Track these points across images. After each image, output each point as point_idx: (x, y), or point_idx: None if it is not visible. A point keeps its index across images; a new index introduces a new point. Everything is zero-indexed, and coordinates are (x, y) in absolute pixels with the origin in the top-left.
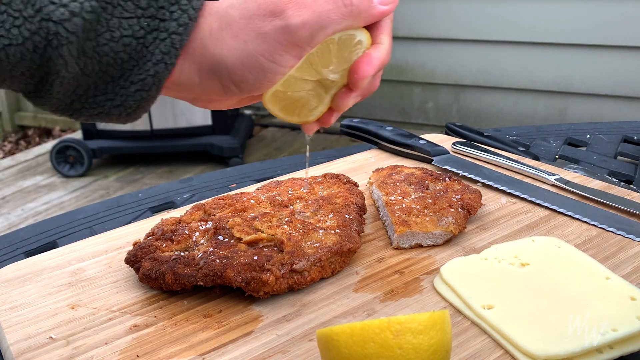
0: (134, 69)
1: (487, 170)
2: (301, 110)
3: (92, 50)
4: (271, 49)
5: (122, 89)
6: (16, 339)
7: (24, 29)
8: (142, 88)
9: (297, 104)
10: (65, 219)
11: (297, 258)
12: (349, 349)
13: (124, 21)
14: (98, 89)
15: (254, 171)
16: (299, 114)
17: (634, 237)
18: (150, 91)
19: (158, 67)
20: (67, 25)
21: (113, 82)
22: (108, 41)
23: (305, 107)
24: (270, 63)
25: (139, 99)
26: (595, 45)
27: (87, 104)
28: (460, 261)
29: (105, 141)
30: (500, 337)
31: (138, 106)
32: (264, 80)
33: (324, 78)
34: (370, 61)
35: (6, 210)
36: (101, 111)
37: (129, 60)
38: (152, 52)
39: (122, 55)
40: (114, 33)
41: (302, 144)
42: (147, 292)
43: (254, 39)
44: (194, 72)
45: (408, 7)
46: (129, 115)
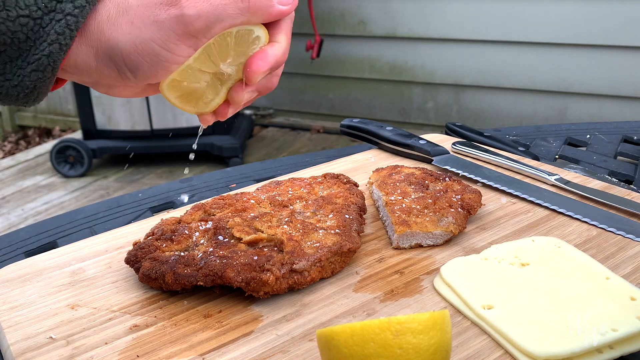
0: (31, 49)
1: (487, 170)
2: (197, 101)
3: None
4: (165, 37)
5: (19, 69)
6: (16, 339)
7: None
8: (37, 68)
9: (194, 95)
10: (65, 219)
11: (297, 258)
12: (349, 349)
13: (20, 1)
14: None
15: (254, 171)
16: (196, 105)
17: (634, 237)
18: (45, 72)
19: (52, 47)
20: None
21: (11, 63)
22: (4, 20)
23: (202, 98)
24: (164, 51)
25: (34, 79)
26: (595, 45)
27: None
28: (460, 261)
29: (105, 141)
30: (500, 337)
31: (34, 87)
32: (157, 67)
33: (221, 71)
34: (265, 57)
35: (6, 210)
36: (0, 92)
37: (25, 40)
38: (48, 33)
39: (19, 34)
40: (10, 12)
41: (303, 144)
42: (147, 292)
43: (149, 26)
44: (90, 55)
45: (408, 7)
46: (27, 97)
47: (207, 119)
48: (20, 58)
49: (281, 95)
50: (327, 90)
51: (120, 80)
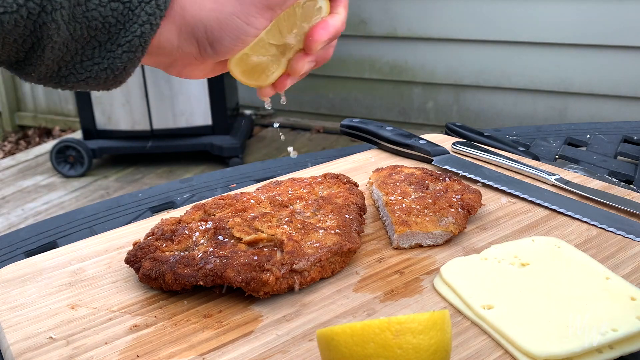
0: (121, 32)
1: (487, 170)
2: (260, 74)
3: (82, 15)
4: (246, 10)
5: (109, 52)
6: (16, 339)
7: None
8: (129, 49)
9: (258, 69)
10: (65, 219)
11: (297, 258)
12: (349, 349)
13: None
14: (85, 54)
15: (254, 171)
16: (257, 79)
17: (634, 237)
18: (136, 52)
19: (144, 28)
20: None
21: (100, 47)
22: (97, 6)
23: (264, 72)
24: (245, 24)
25: (125, 60)
26: (595, 45)
27: (75, 70)
28: (460, 261)
29: (105, 141)
30: (500, 337)
31: (124, 68)
32: (237, 41)
33: (285, 43)
34: (326, 27)
35: (6, 210)
36: (88, 76)
37: (115, 24)
38: (138, 15)
39: (109, 19)
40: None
41: (302, 144)
42: (147, 292)
43: (232, 1)
44: (173, 33)
45: (408, 7)
46: (115, 79)
47: (267, 91)
48: (110, 41)
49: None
50: (327, 90)
51: (198, 56)
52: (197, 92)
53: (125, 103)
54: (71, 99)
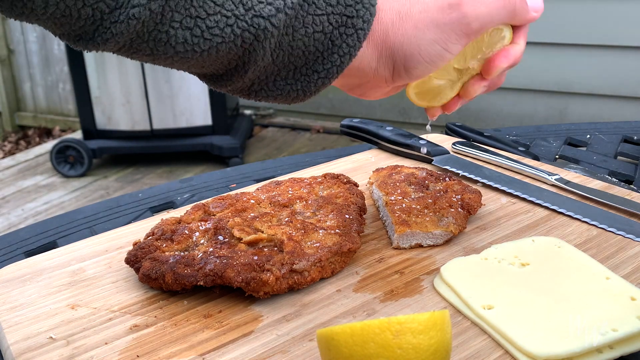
0: (318, 60)
1: (487, 170)
2: (434, 96)
3: (287, 44)
4: (447, 37)
5: (304, 76)
6: (16, 339)
7: (236, 27)
8: (325, 76)
9: (434, 91)
10: (65, 219)
11: (297, 258)
12: (349, 349)
13: (316, 18)
14: (280, 75)
15: (254, 171)
16: (431, 100)
17: (634, 237)
18: (331, 78)
19: (344, 59)
20: (273, 21)
21: (295, 70)
22: (302, 36)
23: (439, 94)
24: (444, 50)
25: (319, 85)
26: (595, 45)
27: (267, 87)
28: (460, 261)
29: (105, 141)
30: (500, 337)
31: (316, 90)
32: (432, 65)
33: (466, 67)
34: (507, 55)
35: (6, 210)
36: (279, 94)
37: (315, 52)
38: (339, 46)
39: (311, 48)
40: (307, 29)
41: (302, 144)
42: (147, 292)
43: (433, 28)
44: (374, 57)
45: None
46: (305, 97)
47: (436, 112)
48: (305, 66)
49: None
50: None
51: (390, 79)
52: (197, 92)
53: (125, 103)
54: (71, 99)
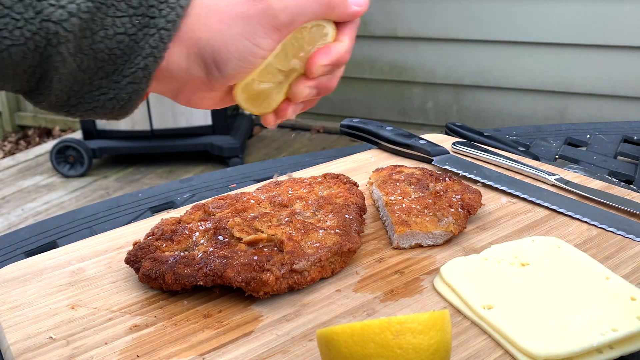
0: (126, 64)
1: (487, 170)
2: (263, 101)
3: (88, 48)
4: (254, 31)
5: (115, 82)
6: (16, 339)
7: (26, 30)
8: (133, 81)
9: (262, 95)
10: (65, 219)
11: (297, 258)
12: (349, 349)
13: (117, 20)
14: (93, 84)
15: (254, 171)
16: (260, 105)
17: (634, 237)
18: (140, 83)
19: (148, 60)
20: (65, 25)
21: (107, 77)
22: (103, 38)
23: (267, 99)
24: (253, 45)
25: (130, 91)
26: (595, 45)
27: (83, 99)
28: (460, 261)
29: (105, 141)
30: (500, 337)
31: (130, 98)
32: (244, 62)
33: (291, 68)
34: (328, 51)
35: (6, 210)
36: (96, 105)
37: (121, 55)
38: (143, 47)
39: (115, 51)
40: (108, 31)
41: (302, 144)
42: (147, 292)
43: (239, 22)
44: (182, 56)
45: (408, 7)
46: (122, 108)
47: (269, 119)
48: (116, 72)
49: None
50: None
51: (206, 80)
52: None
53: None
54: None
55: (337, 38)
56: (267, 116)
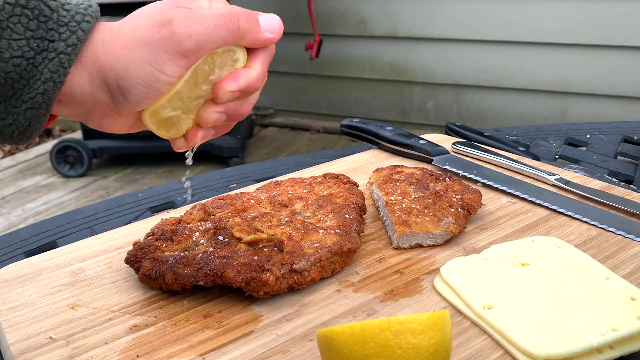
0: (25, 88)
1: (487, 170)
2: (172, 127)
3: None
4: (158, 57)
5: (14, 108)
6: (16, 339)
7: None
8: (32, 106)
9: (170, 121)
10: (65, 219)
11: (297, 258)
12: (349, 349)
13: (13, 42)
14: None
15: (254, 171)
16: (169, 131)
17: (634, 237)
18: (40, 109)
19: (47, 85)
20: None
21: (5, 102)
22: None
23: (177, 124)
24: (157, 72)
25: (29, 117)
26: (595, 45)
27: None
28: (460, 261)
29: (105, 141)
30: (500, 337)
31: (29, 124)
32: (150, 89)
33: (199, 94)
34: (237, 77)
35: (6, 210)
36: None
37: (19, 79)
38: (41, 72)
39: (12, 75)
40: (3, 54)
41: (302, 144)
42: (147, 292)
43: (142, 47)
44: (85, 81)
45: (408, 7)
46: (22, 134)
47: (179, 144)
48: (15, 97)
49: (281, 95)
50: (327, 90)
51: (112, 106)
52: None
53: None
54: None
55: (248, 64)
56: (177, 141)
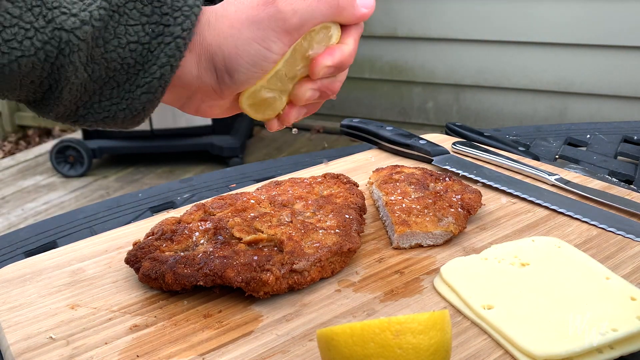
0: (139, 73)
1: (487, 170)
2: (267, 108)
3: (101, 57)
4: (264, 35)
5: (128, 93)
6: (16, 339)
7: (36, 39)
8: (148, 91)
9: (266, 103)
10: (65, 219)
11: (297, 258)
12: (349, 349)
13: (130, 28)
14: (104, 95)
15: (254, 171)
16: (264, 111)
17: (634, 237)
18: (155, 93)
19: (164, 70)
20: (78, 33)
21: (118, 87)
22: (115, 47)
23: (272, 105)
24: (263, 49)
25: (144, 101)
26: (595, 45)
27: (93, 110)
28: (460, 261)
29: (105, 141)
30: (500, 337)
31: (143, 108)
32: (256, 67)
33: (296, 72)
34: (332, 53)
35: (6, 210)
36: (106, 116)
37: (134, 65)
38: (157, 56)
39: (128, 60)
40: (121, 40)
41: (302, 144)
42: (147, 292)
43: (249, 26)
44: (193, 63)
45: (408, 7)
46: (134, 118)
47: (273, 124)
48: (128, 82)
49: None
50: None
51: (217, 87)
52: None
53: None
54: None
55: (342, 40)
56: (271, 122)
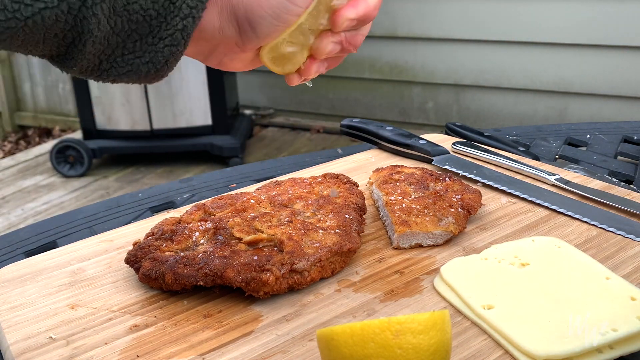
0: (162, 25)
1: (487, 170)
2: (288, 62)
3: (123, 9)
4: None
5: (151, 45)
6: (16, 339)
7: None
8: (171, 43)
9: (288, 56)
10: (65, 219)
11: (297, 258)
12: (349, 349)
13: None
14: (127, 48)
15: (254, 171)
16: (285, 65)
17: (634, 237)
18: (178, 46)
19: (186, 22)
20: None
21: (141, 40)
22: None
23: (293, 59)
24: (287, 2)
25: (167, 54)
26: (595, 45)
27: (116, 63)
28: (460, 261)
29: (105, 141)
30: (500, 337)
31: (166, 61)
32: (279, 20)
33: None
34: (355, 5)
35: (6, 210)
36: (130, 69)
37: (157, 17)
38: (180, 7)
39: (150, 12)
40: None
41: (302, 144)
42: (147, 292)
43: None
44: (214, 16)
45: (408, 7)
46: (157, 72)
47: (293, 79)
48: (151, 34)
49: (281, 95)
50: (327, 90)
51: (239, 40)
52: (197, 92)
53: (125, 103)
54: (71, 99)
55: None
56: (292, 76)
